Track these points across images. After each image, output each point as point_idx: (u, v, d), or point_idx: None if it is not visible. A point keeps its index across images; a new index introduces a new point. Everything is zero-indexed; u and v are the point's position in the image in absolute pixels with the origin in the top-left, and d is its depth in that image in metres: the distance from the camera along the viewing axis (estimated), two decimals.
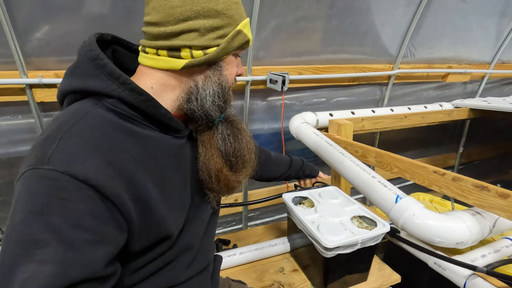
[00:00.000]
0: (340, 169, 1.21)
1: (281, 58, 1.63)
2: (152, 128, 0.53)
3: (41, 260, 0.37)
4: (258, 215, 2.01)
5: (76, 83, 0.50)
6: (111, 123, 0.48)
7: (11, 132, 1.26)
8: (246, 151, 0.64)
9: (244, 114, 1.66)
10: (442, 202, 1.54)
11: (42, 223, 0.38)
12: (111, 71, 0.48)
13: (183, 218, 0.57)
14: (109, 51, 0.57)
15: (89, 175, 0.41)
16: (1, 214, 1.37)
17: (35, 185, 0.40)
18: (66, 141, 0.43)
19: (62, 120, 0.46)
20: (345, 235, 0.79)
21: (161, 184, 0.51)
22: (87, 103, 0.49)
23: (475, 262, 0.92)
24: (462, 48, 2.17)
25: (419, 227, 0.89)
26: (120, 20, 1.21)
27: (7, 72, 1.14)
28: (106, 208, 0.43)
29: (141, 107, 0.50)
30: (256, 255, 0.98)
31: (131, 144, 0.48)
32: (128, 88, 0.49)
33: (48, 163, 0.40)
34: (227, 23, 0.53)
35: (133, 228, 0.47)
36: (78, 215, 0.40)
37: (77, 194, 0.40)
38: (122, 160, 0.46)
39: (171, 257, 0.57)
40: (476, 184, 0.92)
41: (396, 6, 1.71)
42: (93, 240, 0.41)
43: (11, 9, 1.05)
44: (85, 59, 0.49)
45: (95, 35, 0.53)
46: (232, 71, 0.59)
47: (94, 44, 0.50)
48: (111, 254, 0.44)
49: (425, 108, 2.03)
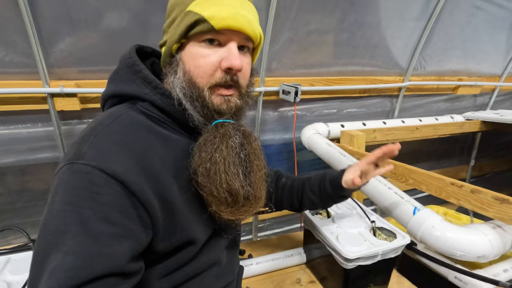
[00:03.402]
0: None
1: (293, 70, 1.65)
2: (180, 132, 0.55)
3: (67, 251, 0.39)
4: (268, 226, 2.00)
5: (115, 87, 0.54)
6: (143, 125, 0.51)
7: (31, 140, 1.29)
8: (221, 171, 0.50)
9: (256, 124, 1.68)
10: (457, 215, 1.51)
11: (74, 214, 0.40)
12: (145, 76, 0.52)
13: (209, 225, 0.57)
14: (148, 62, 0.60)
15: (118, 170, 0.43)
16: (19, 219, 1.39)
17: (70, 178, 0.42)
18: (100, 138, 0.46)
19: (99, 121, 0.49)
20: (365, 246, 0.78)
21: (186, 187, 0.52)
22: (123, 106, 0.52)
23: (497, 276, 0.90)
24: (472, 60, 2.18)
25: (438, 239, 0.88)
26: (138, 34, 1.25)
27: (30, 81, 1.18)
28: (131, 204, 0.44)
29: (170, 111, 0.52)
30: (272, 265, 0.97)
31: (159, 146, 0.50)
32: (159, 92, 0.52)
33: (83, 158, 0.43)
34: (179, 10, 0.50)
35: (158, 227, 0.47)
36: (106, 208, 0.42)
37: (105, 188, 0.42)
38: (150, 160, 0.48)
39: (199, 269, 0.57)
40: (496, 196, 0.91)
41: (406, 20, 1.74)
42: (118, 234, 0.42)
43: (38, 22, 1.10)
44: (123, 65, 0.53)
45: (135, 46, 0.56)
46: (199, 62, 0.50)
47: (133, 53, 0.54)
48: (135, 250, 0.44)
49: (436, 120, 2.03)
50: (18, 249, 0.83)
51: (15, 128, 1.25)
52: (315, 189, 0.78)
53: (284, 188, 0.82)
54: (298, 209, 0.83)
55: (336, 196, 0.76)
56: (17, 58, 1.14)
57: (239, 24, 0.49)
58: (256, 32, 0.52)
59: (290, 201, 0.82)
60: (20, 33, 1.09)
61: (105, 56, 1.25)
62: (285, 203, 0.83)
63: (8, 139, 1.25)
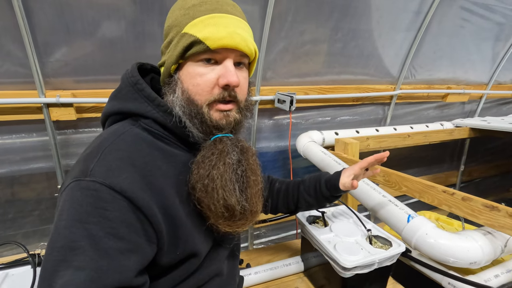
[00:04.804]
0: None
1: (287, 79, 1.68)
2: (182, 147, 0.56)
3: (77, 266, 0.40)
4: (264, 233, 2.00)
5: (118, 105, 0.55)
6: (146, 141, 0.52)
7: (25, 150, 1.28)
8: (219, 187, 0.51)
9: (252, 132, 1.69)
10: (448, 220, 1.55)
11: (82, 230, 0.41)
12: (148, 94, 0.53)
13: (211, 237, 0.58)
14: (148, 78, 0.61)
15: (124, 186, 0.44)
16: (11, 231, 1.37)
17: (78, 195, 0.43)
18: (106, 155, 0.47)
19: (104, 138, 0.50)
20: (362, 255, 0.80)
21: (188, 201, 0.53)
22: (126, 123, 0.54)
23: (488, 282, 0.93)
24: (460, 69, 2.26)
25: (432, 246, 0.90)
26: (135, 44, 1.26)
27: (26, 91, 1.18)
28: (137, 218, 0.45)
29: (171, 127, 0.54)
30: (270, 274, 0.98)
31: (162, 161, 0.52)
32: (162, 109, 0.53)
33: (90, 175, 0.44)
34: (175, 32, 0.53)
35: (162, 241, 0.49)
36: (114, 223, 0.43)
37: (113, 204, 0.43)
38: (154, 175, 0.49)
39: (202, 280, 0.58)
40: (486, 204, 0.94)
41: (397, 31, 1.79)
42: (126, 249, 0.43)
43: (34, 32, 1.10)
44: (126, 84, 0.54)
45: (137, 64, 0.58)
46: (197, 81, 0.52)
47: (136, 71, 0.55)
48: (141, 264, 0.46)
49: (427, 127, 2.08)
50: (16, 264, 0.81)
51: (9, 138, 1.24)
52: (311, 191, 0.82)
53: (279, 193, 0.86)
54: (294, 211, 0.87)
55: (331, 197, 0.82)
56: (13, 68, 1.14)
57: (234, 43, 0.50)
58: (251, 48, 0.54)
59: (286, 204, 0.86)
60: (16, 43, 1.09)
61: (102, 66, 1.26)
62: (280, 206, 0.87)
63: (2, 150, 1.23)
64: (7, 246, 1.31)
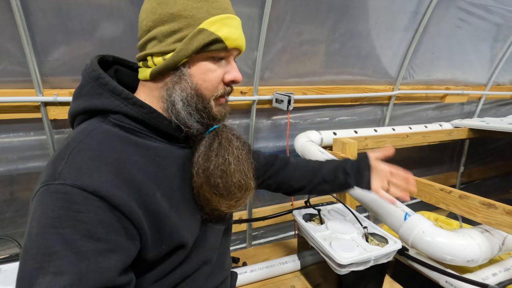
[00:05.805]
0: None
1: (285, 79, 1.68)
2: (158, 139, 0.55)
3: (56, 272, 0.39)
4: (262, 234, 1.99)
5: (83, 103, 0.52)
6: (118, 137, 0.50)
7: (23, 148, 1.28)
8: (235, 171, 0.56)
9: (250, 132, 1.69)
10: (447, 221, 1.54)
11: (56, 236, 0.40)
12: (113, 88, 0.51)
13: (196, 226, 0.57)
14: (111, 71, 0.59)
15: (97, 186, 0.43)
16: (9, 229, 1.36)
17: (48, 200, 0.41)
18: (75, 156, 0.45)
19: (71, 138, 0.48)
20: (357, 252, 0.80)
21: (170, 193, 0.53)
22: (94, 121, 0.51)
23: (486, 280, 0.92)
24: (458, 70, 2.26)
25: (429, 244, 0.90)
26: (132, 43, 1.26)
27: (23, 90, 1.18)
28: (115, 217, 0.44)
29: (144, 120, 0.52)
30: (266, 273, 0.97)
31: (138, 156, 0.50)
32: (131, 102, 0.51)
33: (59, 178, 0.42)
34: (186, 24, 0.50)
35: (145, 237, 0.48)
36: (89, 225, 0.41)
37: (86, 206, 0.42)
38: (129, 171, 0.47)
39: (191, 269, 0.57)
40: (483, 201, 0.94)
41: (395, 31, 1.80)
42: (105, 249, 0.42)
43: (32, 31, 1.11)
44: (88, 79, 0.52)
45: (96, 57, 0.55)
46: (208, 77, 0.53)
47: (96, 65, 0.52)
48: (124, 263, 0.45)
49: (426, 127, 2.08)
50: (9, 260, 0.81)
51: (7, 137, 1.24)
52: (335, 185, 0.81)
53: (297, 166, 0.84)
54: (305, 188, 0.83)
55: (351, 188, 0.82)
56: (11, 66, 1.14)
57: (243, 44, 0.55)
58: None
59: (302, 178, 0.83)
60: (14, 41, 1.10)
61: None
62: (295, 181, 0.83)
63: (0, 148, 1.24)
64: (4, 245, 1.31)
